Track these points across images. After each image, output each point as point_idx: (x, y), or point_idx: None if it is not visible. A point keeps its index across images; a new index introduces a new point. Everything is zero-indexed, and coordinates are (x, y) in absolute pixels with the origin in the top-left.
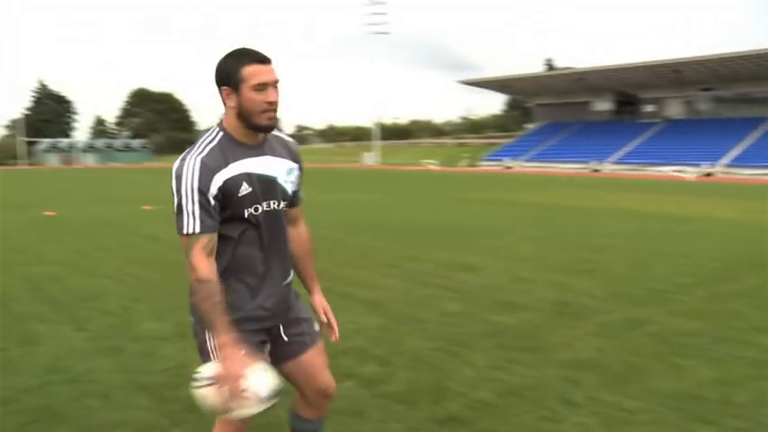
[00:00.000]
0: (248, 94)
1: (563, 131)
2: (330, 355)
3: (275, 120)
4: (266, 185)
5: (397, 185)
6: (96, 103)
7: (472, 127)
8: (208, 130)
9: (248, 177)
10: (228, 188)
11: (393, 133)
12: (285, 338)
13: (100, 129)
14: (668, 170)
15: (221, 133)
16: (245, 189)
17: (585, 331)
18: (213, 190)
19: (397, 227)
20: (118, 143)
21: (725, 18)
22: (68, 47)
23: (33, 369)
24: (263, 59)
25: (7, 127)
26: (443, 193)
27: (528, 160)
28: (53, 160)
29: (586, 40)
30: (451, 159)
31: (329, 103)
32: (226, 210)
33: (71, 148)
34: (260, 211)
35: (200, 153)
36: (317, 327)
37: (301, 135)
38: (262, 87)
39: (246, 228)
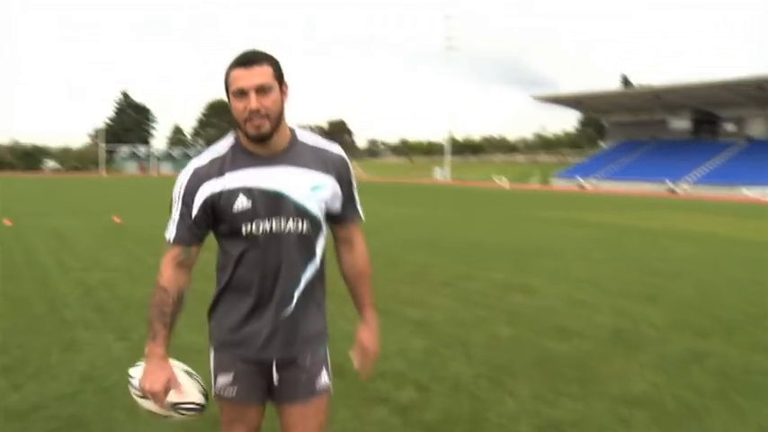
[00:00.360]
0: (232, 102)
1: (638, 150)
2: (368, 378)
3: (264, 128)
4: (271, 201)
5: (463, 201)
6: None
7: (545, 144)
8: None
9: (248, 191)
10: (219, 201)
11: (465, 149)
12: (275, 379)
13: (177, 138)
14: (750, 192)
15: (232, 140)
16: (241, 203)
17: (641, 363)
18: (198, 201)
19: (455, 244)
20: (192, 152)
21: None
22: (149, 56)
23: (70, 376)
24: (246, 62)
25: (90, 136)
26: (509, 210)
27: (601, 179)
28: (131, 168)
29: (663, 55)
30: (522, 176)
31: (402, 118)
32: (221, 224)
33: (148, 156)
34: (260, 229)
35: (197, 160)
36: (323, 381)
37: (373, 149)
38: (240, 93)
39: (247, 247)
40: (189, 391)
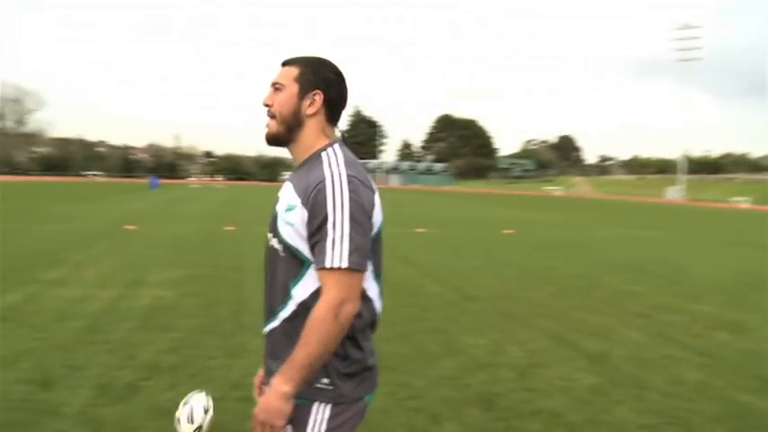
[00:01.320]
0: None
1: None
2: (517, 414)
3: (270, 129)
4: (272, 216)
5: (690, 224)
6: (405, 127)
7: None
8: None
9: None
10: None
11: (702, 167)
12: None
13: (406, 152)
14: None
15: None
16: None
17: None
18: None
19: (666, 270)
20: (421, 166)
21: None
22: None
23: (222, 381)
24: (283, 63)
25: None
26: (741, 235)
27: None
28: None
29: None
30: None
31: (635, 133)
32: None
33: (377, 169)
34: (266, 242)
35: None
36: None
37: (603, 166)
38: None
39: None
40: None
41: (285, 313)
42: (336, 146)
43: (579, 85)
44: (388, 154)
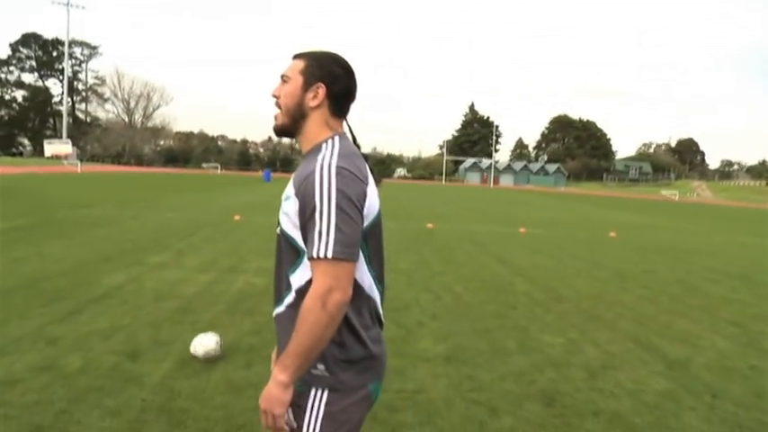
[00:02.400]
0: None
1: None
2: (578, 413)
3: (276, 120)
4: None
5: None
6: (520, 126)
7: None
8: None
9: None
10: None
11: None
12: None
13: (520, 152)
14: None
15: None
16: None
17: None
18: None
19: None
20: (534, 166)
21: None
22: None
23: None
24: (294, 56)
25: (440, 146)
26: None
27: None
28: (473, 178)
29: None
30: None
31: (763, 137)
32: None
33: (489, 168)
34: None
35: None
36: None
37: (727, 170)
38: None
39: None
40: None
41: (289, 299)
42: (336, 138)
43: (703, 86)
44: (503, 153)
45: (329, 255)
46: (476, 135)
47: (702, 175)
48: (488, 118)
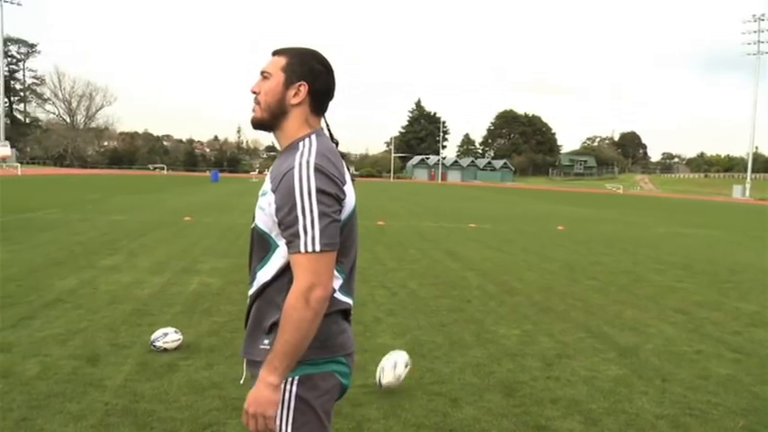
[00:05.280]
0: None
1: None
2: (536, 401)
3: (254, 114)
4: None
5: (751, 223)
6: (467, 122)
7: None
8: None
9: None
10: None
11: None
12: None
13: (467, 148)
14: None
15: None
16: None
17: None
18: None
19: (713, 268)
20: (481, 162)
21: None
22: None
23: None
24: (273, 52)
25: (386, 143)
26: None
27: None
28: (421, 175)
29: None
30: None
31: (701, 131)
32: None
33: (437, 164)
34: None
35: None
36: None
37: (668, 163)
38: None
39: None
40: None
41: (251, 291)
42: (314, 136)
43: (645, 81)
44: (450, 149)
45: (317, 248)
46: (423, 131)
47: (645, 169)
48: (435, 114)
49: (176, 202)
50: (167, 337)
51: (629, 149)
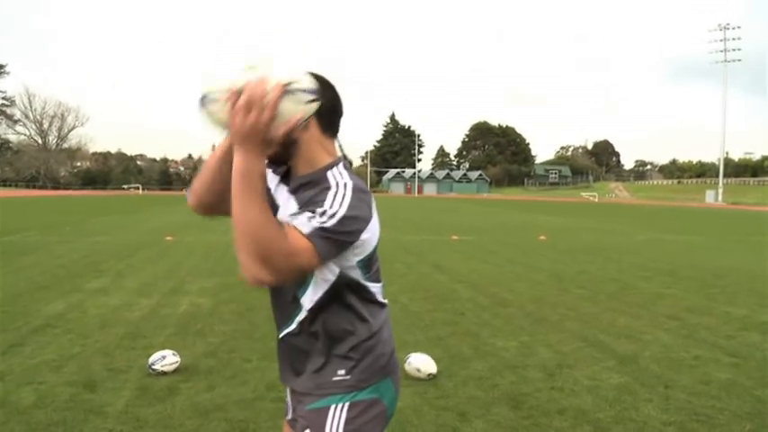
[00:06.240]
0: None
1: None
2: (544, 412)
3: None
4: None
5: (726, 227)
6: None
7: None
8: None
9: None
10: None
11: (743, 170)
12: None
13: (442, 160)
14: None
15: None
16: None
17: None
18: None
19: (697, 273)
20: (457, 174)
21: None
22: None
23: (257, 383)
24: None
25: (362, 157)
26: None
27: None
28: (397, 188)
29: None
30: None
31: (673, 138)
32: None
33: (413, 177)
34: None
35: None
36: None
37: (641, 170)
38: None
39: None
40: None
41: (300, 317)
42: (341, 165)
43: (616, 89)
44: (425, 162)
45: (333, 222)
46: (398, 145)
47: (619, 177)
48: (410, 127)
49: (155, 221)
50: (165, 360)
51: (602, 158)
